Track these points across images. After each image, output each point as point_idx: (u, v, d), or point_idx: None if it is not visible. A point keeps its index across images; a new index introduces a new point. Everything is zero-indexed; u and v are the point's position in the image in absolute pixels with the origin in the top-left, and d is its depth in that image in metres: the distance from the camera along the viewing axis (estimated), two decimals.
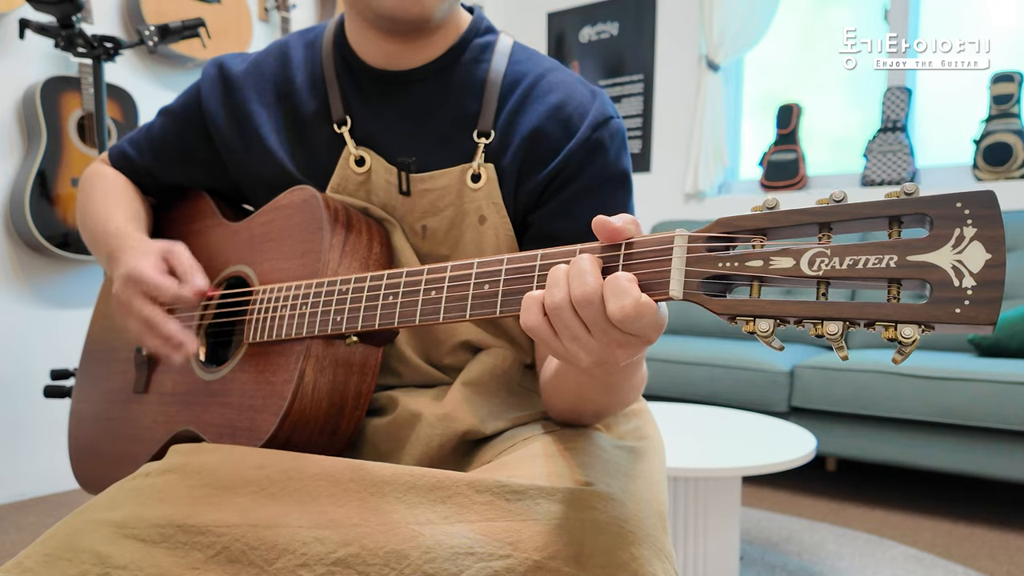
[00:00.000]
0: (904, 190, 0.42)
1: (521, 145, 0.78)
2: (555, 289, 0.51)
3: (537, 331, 0.52)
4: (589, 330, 0.51)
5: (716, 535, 1.60)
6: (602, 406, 0.71)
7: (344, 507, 0.59)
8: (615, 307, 0.48)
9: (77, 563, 0.57)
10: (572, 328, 0.51)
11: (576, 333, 0.51)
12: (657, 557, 0.59)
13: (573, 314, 0.50)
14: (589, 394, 0.67)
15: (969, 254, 0.40)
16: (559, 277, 0.51)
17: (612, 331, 0.50)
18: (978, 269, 0.40)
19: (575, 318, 0.51)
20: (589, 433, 0.73)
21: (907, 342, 0.42)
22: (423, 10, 0.73)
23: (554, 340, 0.53)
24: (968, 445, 2.11)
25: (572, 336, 0.51)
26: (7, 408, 2.28)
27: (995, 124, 2.71)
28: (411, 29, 0.76)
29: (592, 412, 0.72)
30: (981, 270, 0.40)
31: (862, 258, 0.43)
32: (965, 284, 0.40)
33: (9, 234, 2.26)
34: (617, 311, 0.48)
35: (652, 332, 0.50)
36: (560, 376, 0.69)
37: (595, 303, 0.49)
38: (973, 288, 0.40)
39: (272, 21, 2.93)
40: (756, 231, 0.47)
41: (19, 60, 2.26)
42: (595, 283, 0.50)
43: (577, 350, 0.52)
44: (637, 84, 3.59)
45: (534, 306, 0.52)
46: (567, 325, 0.51)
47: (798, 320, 0.45)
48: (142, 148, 0.93)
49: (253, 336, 0.76)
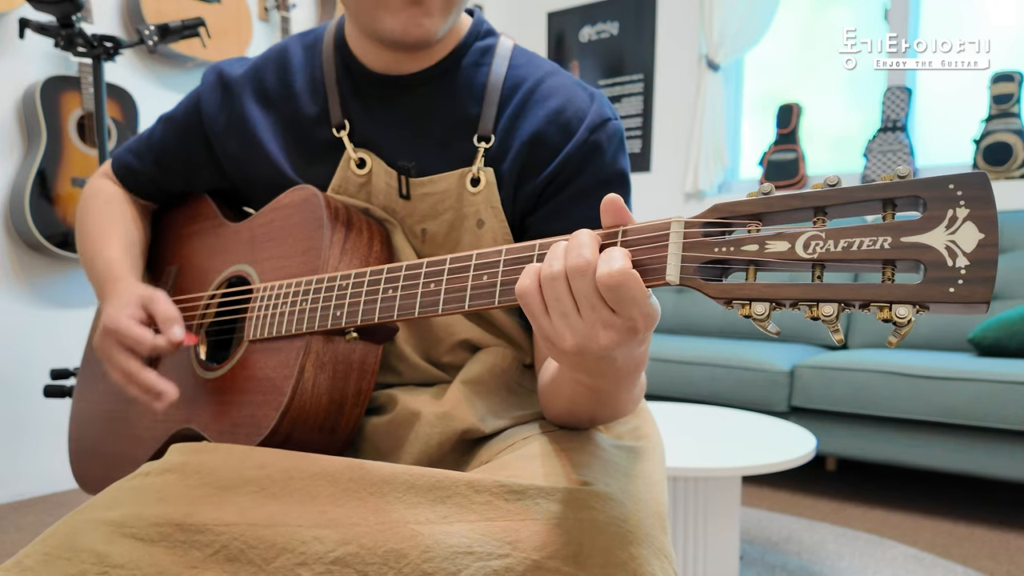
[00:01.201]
0: (897, 173, 0.43)
1: (521, 149, 0.78)
2: (553, 261, 0.52)
3: (529, 298, 0.53)
4: (578, 307, 0.51)
5: (716, 535, 1.60)
6: (596, 415, 0.71)
7: (343, 506, 0.59)
8: (604, 271, 0.49)
9: (76, 562, 0.57)
10: (562, 302, 0.52)
11: (565, 308, 0.52)
12: (656, 557, 0.59)
13: (566, 287, 0.51)
14: (581, 401, 0.67)
15: (962, 234, 0.40)
16: (558, 251, 0.53)
17: (600, 307, 0.50)
18: (971, 249, 0.40)
19: (567, 292, 0.51)
20: (588, 433, 0.73)
21: (902, 322, 0.42)
22: (424, 34, 0.73)
23: (543, 314, 0.53)
24: (968, 445, 2.11)
25: (561, 312, 0.52)
26: (7, 408, 2.29)
27: (995, 124, 2.71)
28: (413, 49, 0.77)
29: (587, 419, 0.72)
30: (974, 249, 0.40)
31: (857, 240, 0.43)
32: (959, 264, 0.40)
33: (9, 234, 2.26)
34: (605, 275, 0.49)
35: (637, 313, 0.50)
36: (555, 383, 0.69)
37: (588, 275, 0.50)
38: (967, 267, 0.40)
39: (272, 21, 2.93)
40: (752, 216, 0.48)
41: (19, 60, 2.26)
42: (591, 256, 0.51)
43: (564, 328, 0.52)
44: (637, 84, 3.59)
45: (531, 272, 0.53)
46: (558, 297, 0.52)
47: (794, 303, 0.45)
48: (143, 155, 0.94)
49: (253, 333, 0.76)
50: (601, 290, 0.50)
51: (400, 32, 0.73)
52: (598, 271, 0.49)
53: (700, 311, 3.09)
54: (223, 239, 0.88)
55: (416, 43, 0.74)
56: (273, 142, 0.84)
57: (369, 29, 0.75)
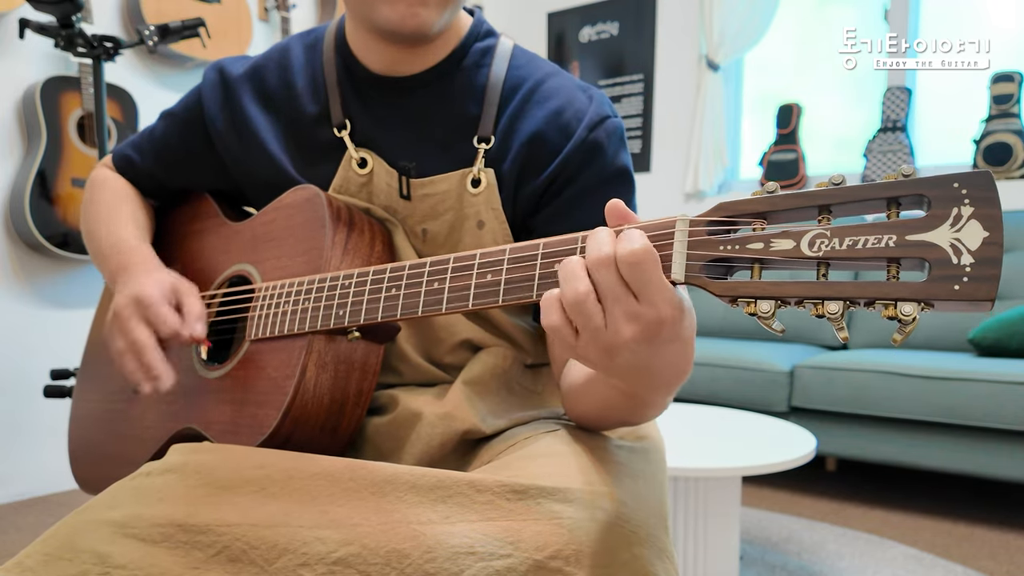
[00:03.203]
0: (902, 172, 0.43)
1: (521, 150, 0.78)
2: (577, 283, 0.50)
3: (562, 332, 0.52)
4: (604, 308, 0.50)
5: (716, 535, 1.60)
6: (627, 419, 0.70)
7: (345, 507, 0.59)
8: (624, 249, 0.48)
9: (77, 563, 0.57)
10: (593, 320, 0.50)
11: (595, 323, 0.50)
12: (658, 557, 0.59)
13: (594, 300, 0.50)
14: (616, 405, 0.66)
15: (967, 232, 0.40)
16: (578, 272, 0.51)
17: (624, 297, 0.49)
18: (976, 247, 0.40)
19: (596, 304, 0.50)
20: (590, 433, 0.73)
21: (907, 320, 0.42)
22: (421, 24, 0.73)
23: (572, 337, 0.52)
24: (968, 445, 2.11)
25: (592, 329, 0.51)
26: (7, 408, 2.28)
27: (995, 124, 2.71)
28: (410, 41, 0.77)
29: (617, 422, 0.71)
30: (979, 247, 0.40)
31: (861, 238, 0.43)
32: (964, 262, 0.40)
33: (9, 234, 2.26)
34: (627, 253, 0.48)
35: (660, 299, 0.49)
36: (589, 384, 0.68)
37: (611, 266, 0.49)
38: (972, 265, 0.40)
39: (272, 21, 2.93)
40: (756, 215, 0.48)
41: (19, 60, 2.26)
42: (613, 246, 0.50)
43: (591, 341, 0.51)
44: (637, 84, 3.59)
45: (555, 305, 0.52)
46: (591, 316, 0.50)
47: (799, 300, 0.45)
48: (145, 151, 0.94)
49: (255, 332, 0.76)
50: (622, 269, 0.49)
51: (397, 22, 0.72)
52: (618, 251, 0.49)
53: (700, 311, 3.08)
54: (225, 238, 0.88)
55: (412, 34, 0.74)
56: (274, 142, 0.84)
57: (367, 20, 0.75)
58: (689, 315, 0.53)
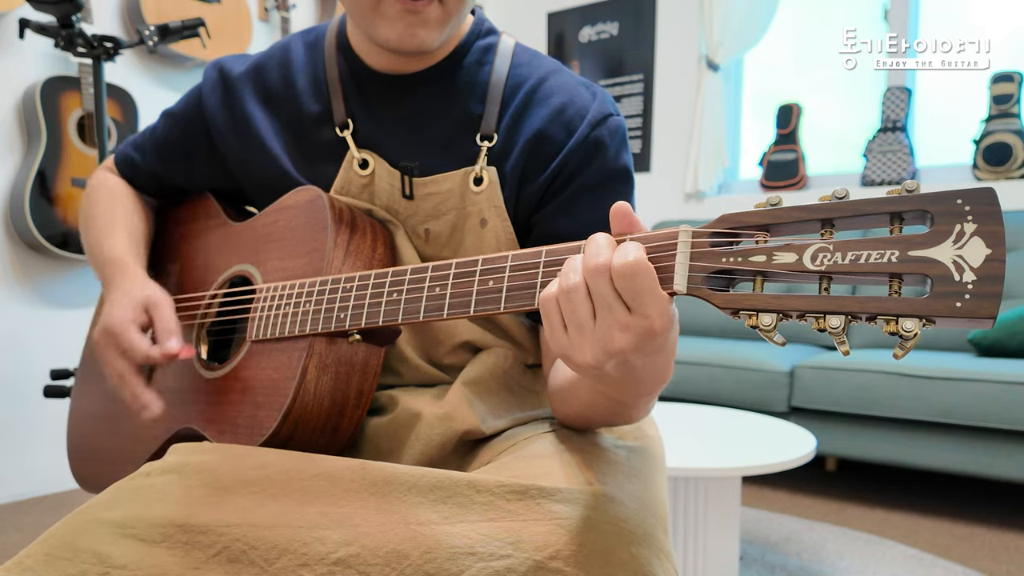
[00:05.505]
0: (905, 187, 0.43)
1: (524, 148, 0.78)
2: (571, 273, 0.52)
3: (548, 307, 0.53)
4: (595, 313, 0.51)
5: (716, 535, 1.60)
6: (611, 421, 0.70)
7: (344, 507, 0.59)
8: (619, 261, 0.49)
9: (77, 562, 0.57)
10: (579, 313, 0.51)
11: (582, 319, 0.51)
12: (657, 557, 0.59)
13: (584, 295, 0.51)
14: (599, 408, 0.66)
15: (970, 249, 0.40)
16: (575, 264, 0.52)
17: (616, 307, 0.50)
18: (979, 264, 0.40)
19: (585, 300, 0.51)
20: (590, 433, 0.73)
21: (908, 336, 0.42)
22: (420, 44, 0.74)
23: (560, 327, 0.53)
24: (968, 445, 2.11)
25: (577, 324, 0.51)
26: (7, 408, 2.28)
27: (995, 124, 2.71)
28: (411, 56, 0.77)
29: (601, 423, 0.72)
30: (982, 265, 0.40)
31: (864, 253, 0.43)
32: (966, 279, 0.40)
33: (9, 234, 2.26)
34: (620, 264, 0.49)
35: (653, 309, 0.49)
36: (572, 387, 0.68)
37: (605, 274, 0.50)
38: (974, 282, 0.40)
39: (272, 21, 2.93)
40: (759, 227, 0.48)
41: (19, 60, 2.26)
42: (609, 255, 0.50)
43: (580, 341, 0.52)
44: (637, 84, 3.59)
45: (554, 284, 0.53)
46: (575, 309, 0.51)
47: (800, 314, 0.45)
48: (146, 151, 0.94)
49: (256, 333, 0.76)
50: (616, 281, 0.49)
51: (396, 41, 0.73)
52: (613, 262, 0.49)
53: (700, 311, 3.09)
54: (226, 238, 0.88)
55: (412, 52, 0.75)
56: (275, 141, 0.84)
57: (367, 34, 0.76)
58: (675, 326, 0.53)
